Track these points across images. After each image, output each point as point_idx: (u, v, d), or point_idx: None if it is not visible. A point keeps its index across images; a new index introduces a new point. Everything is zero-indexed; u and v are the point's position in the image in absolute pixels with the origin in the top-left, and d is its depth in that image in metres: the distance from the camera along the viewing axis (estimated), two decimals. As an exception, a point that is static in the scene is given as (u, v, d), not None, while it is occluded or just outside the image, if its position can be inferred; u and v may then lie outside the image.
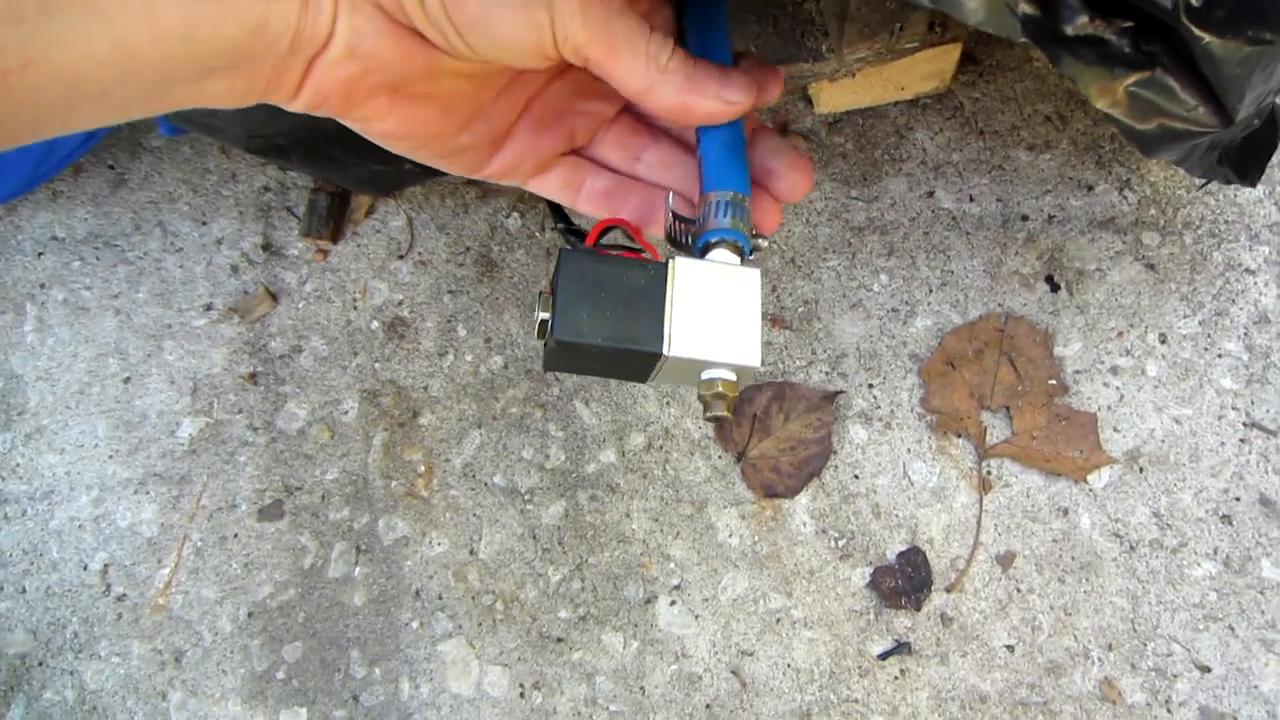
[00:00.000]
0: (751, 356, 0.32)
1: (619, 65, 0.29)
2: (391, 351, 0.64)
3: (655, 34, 0.30)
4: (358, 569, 0.60)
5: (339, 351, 0.64)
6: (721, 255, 0.33)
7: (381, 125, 0.31)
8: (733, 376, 0.32)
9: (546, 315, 0.30)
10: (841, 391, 0.59)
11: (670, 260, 0.32)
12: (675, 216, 0.35)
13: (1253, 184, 0.51)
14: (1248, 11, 0.38)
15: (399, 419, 0.63)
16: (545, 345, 0.31)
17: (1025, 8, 0.36)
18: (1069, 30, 0.37)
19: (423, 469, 0.61)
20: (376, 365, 0.64)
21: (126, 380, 0.64)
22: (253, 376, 0.64)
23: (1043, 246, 0.61)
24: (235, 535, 0.61)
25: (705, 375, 0.32)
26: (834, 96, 0.62)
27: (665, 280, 0.31)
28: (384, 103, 0.30)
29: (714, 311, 0.32)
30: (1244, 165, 0.50)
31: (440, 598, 0.59)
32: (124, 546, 0.61)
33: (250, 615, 0.60)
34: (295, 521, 0.61)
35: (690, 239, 0.34)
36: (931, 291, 0.61)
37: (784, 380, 0.60)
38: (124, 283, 0.66)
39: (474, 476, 0.61)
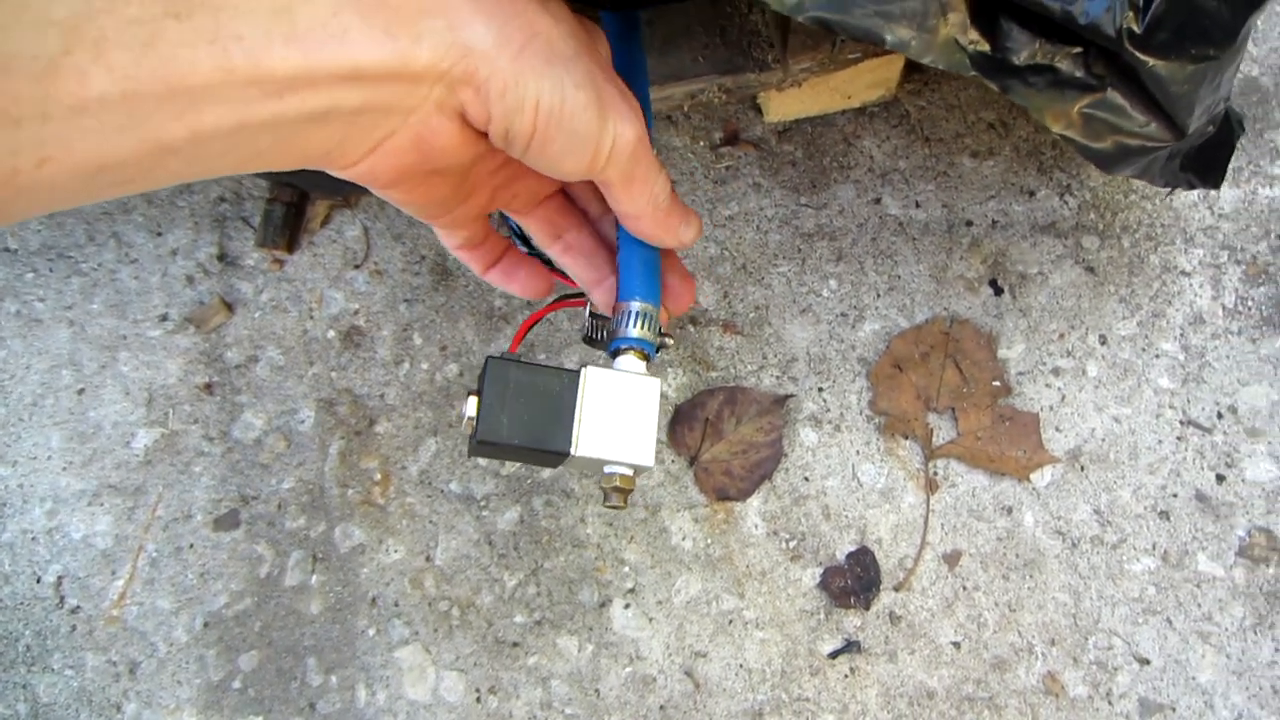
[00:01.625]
0: (646, 458, 0.37)
1: (627, 194, 0.34)
2: (348, 360, 0.64)
3: (663, 175, 0.34)
4: (314, 577, 0.60)
5: (295, 361, 0.65)
6: (629, 361, 0.38)
7: (405, 197, 0.33)
8: (630, 473, 0.37)
9: (472, 414, 0.35)
10: (792, 395, 0.60)
11: (583, 369, 0.36)
12: (593, 316, 0.41)
13: (1216, 186, 0.52)
14: (1189, 32, 0.39)
15: (355, 427, 0.63)
16: (470, 437, 0.36)
17: (974, 44, 0.38)
18: (1018, 61, 0.38)
19: (379, 477, 0.62)
20: (333, 374, 0.64)
21: (80, 392, 0.64)
22: (208, 387, 0.64)
23: (986, 251, 0.62)
24: (191, 545, 0.61)
25: (607, 470, 0.37)
26: (782, 105, 0.63)
27: (577, 387, 0.36)
28: (418, 184, 0.32)
29: (617, 417, 0.36)
30: (1205, 170, 0.52)
31: (397, 604, 0.59)
32: (78, 558, 0.61)
33: (206, 625, 0.60)
34: (251, 531, 0.61)
35: (604, 336, 0.40)
36: (879, 296, 0.62)
37: (735, 385, 0.61)
38: (78, 294, 0.66)
39: (430, 484, 0.61)
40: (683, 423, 0.60)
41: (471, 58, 0.27)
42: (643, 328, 0.38)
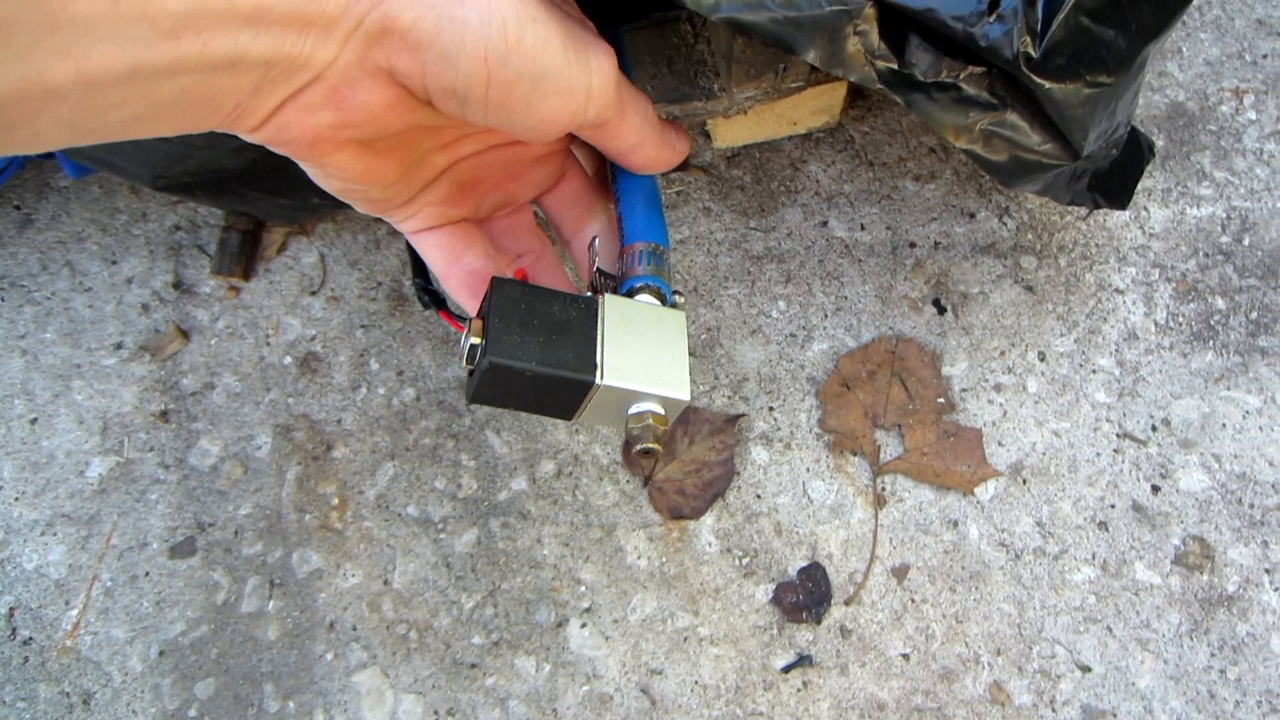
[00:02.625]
0: (682, 390, 0.32)
1: (624, 124, 0.31)
2: (304, 386, 0.65)
3: (642, 93, 0.33)
4: (271, 603, 0.60)
5: (252, 387, 0.65)
6: (645, 300, 0.33)
7: (336, 173, 0.29)
8: (661, 410, 0.32)
9: (477, 340, 0.30)
10: (743, 415, 0.61)
11: (601, 296, 0.32)
12: (599, 271, 0.36)
13: (1123, 207, 0.54)
14: (1085, 59, 0.41)
15: (312, 453, 0.63)
16: (472, 374, 0.30)
17: (882, 59, 0.39)
18: (923, 77, 0.40)
19: (336, 501, 0.62)
20: (289, 400, 0.64)
21: (33, 421, 0.64)
22: (164, 414, 0.64)
23: (930, 272, 0.64)
24: (146, 574, 0.61)
25: (634, 409, 0.32)
26: (730, 132, 0.65)
27: (595, 314, 0.32)
28: (350, 154, 0.29)
29: (643, 346, 0.32)
30: (1113, 191, 0.54)
31: (354, 629, 0.60)
32: (30, 589, 0.61)
33: (161, 654, 0.60)
34: (208, 558, 0.61)
35: (614, 288, 0.35)
36: (827, 317, 0.63)
37: (688, 405, 0.62)
38: (30, 323, 0.66)
39: (387, 508, 0.62)
40: (637, 443, 0.61)
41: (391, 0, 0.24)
42: (654, 265, 0.34)
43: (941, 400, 0.61)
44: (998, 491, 0.59)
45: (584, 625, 0.58)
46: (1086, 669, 0.56)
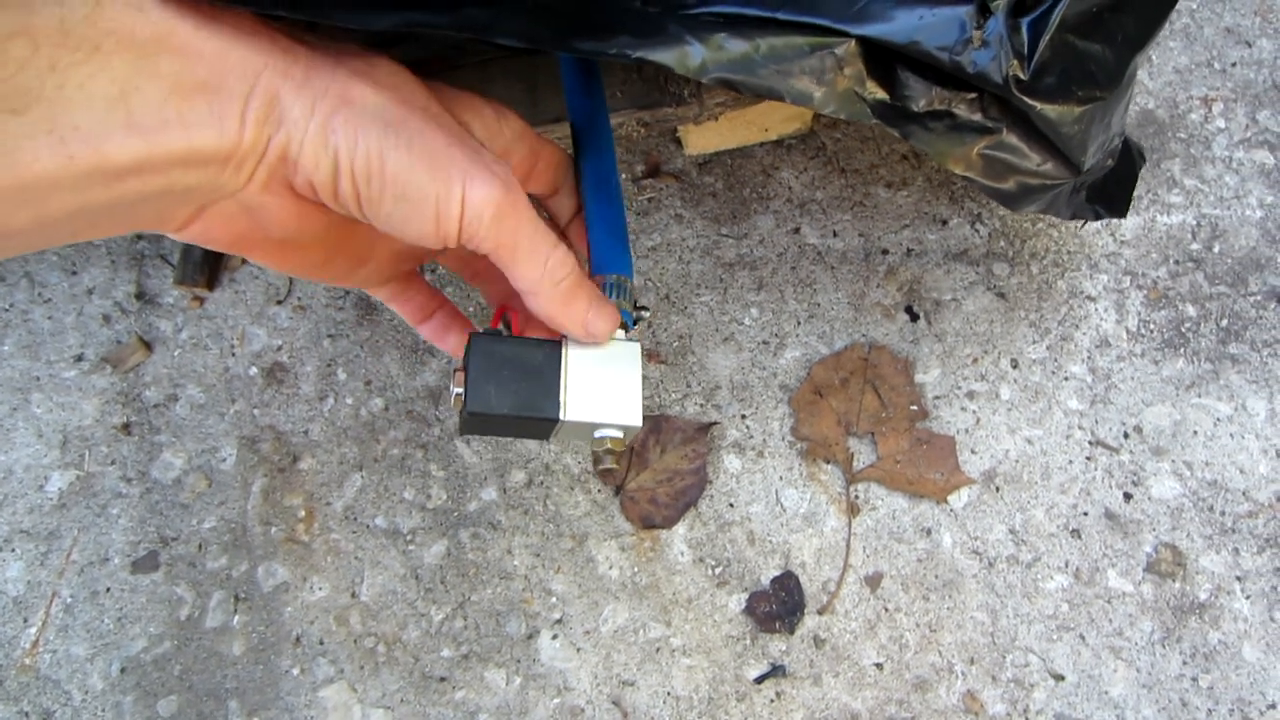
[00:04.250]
0: (634, 418, 0.38)
1: (516, 266, 0.33)
2: (270, 397, 0.64)
3: (559, 249, 0.34)
4: (236, 618, 0.59)
5: (216, 399, 0.64)
6: None
7: (265, 263, 0.34)
8: (620, 434, 0.38)
9: (460, 390, 0.36)
10: (716, 423, 0.61)
11: (564, 339, 0.37)
12: None
13: (1122, 215, 0.54)
14: (1075, 76, 0.41)
15: (279, 464, 0.62)
16: (460, 415, 0.37)
17: (873, 94, 0.39)
18: (916, 108, 0.39)
19: (303, 514, 0.61)
20: (255, 411, 0.63)
21: (-9, 434, 0.63)
22: (126, 427, 0.63)
23: (902, 279, 0.64)
24: (107, 589, 0.60)
25: (597, 434, 0.38)
26: (701, 139, 0.64)
27: (560, 356, 0.37)
28: (271, 250, 0.33)
29: (602, 380, 0.37)
30: (1110, 201, 0.54)
31: (321, 643, 0.58)
32: (-13, 606, 0.59)
33: (123, 671, 0.58)
34: (171, 572, 0.60)
35: None
36: (799, 324, 0.63)
37: (660, 414, 0.61)
38: (-11, 334, 0.64)
39: (355, 519, 0.61)
40: (608, 453, 0.60)
41: (284, 132, 0.28)
42: (618, 298, 0.39)
43: (914, 408, 0.61)
44: (971, 499, 0.59)
45: (555, 637, 0.58)
46: (1060, 677, 0.56)
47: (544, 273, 0.33)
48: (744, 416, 0.61)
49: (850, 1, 0.37)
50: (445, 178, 0.30)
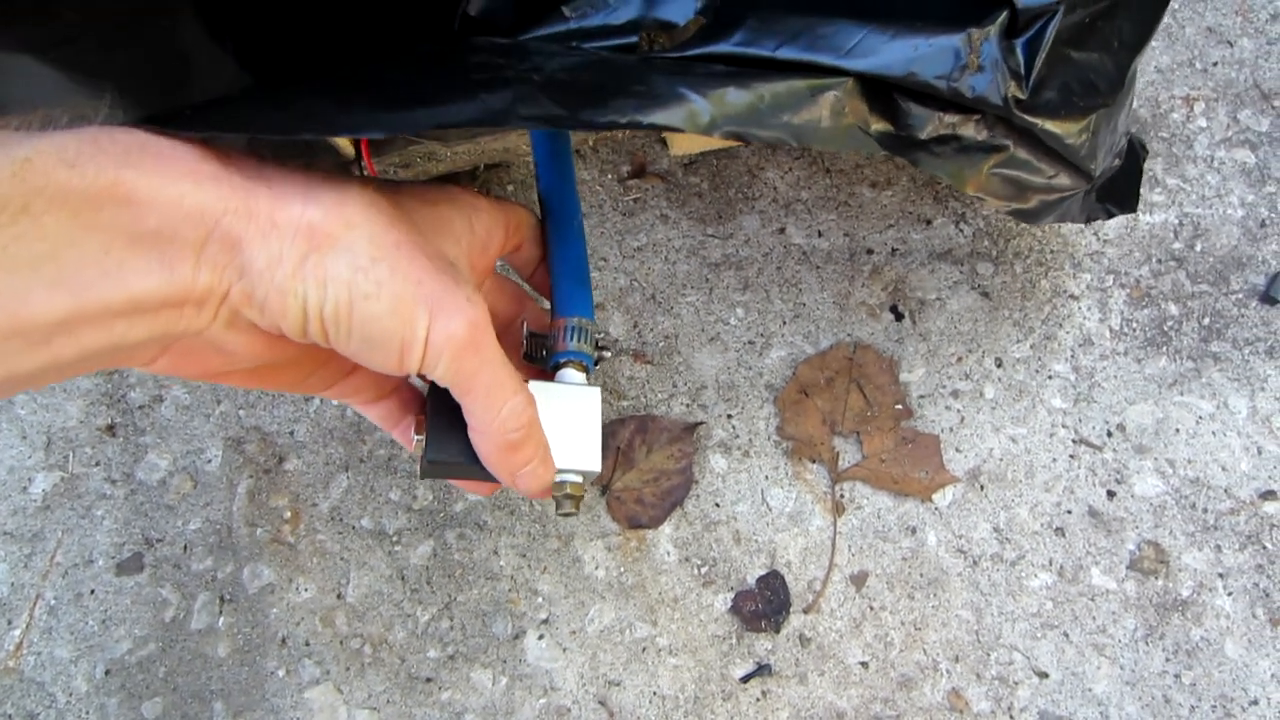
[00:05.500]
0: (593, 463, 0.38)
1: (470, 405, 0.33)
2: (255, 398, 0.63)
3: (517, 398, 0.33)
4: (222, 619, 0.59)
5: (201, 400, 0.64)
6: (570, 374, 0.39)
7: (237, 386, 0.35)
8: (579, 479, 0.38)
9: (420, 437, 0.36)
10: (702, 422, 0.61)
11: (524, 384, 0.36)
12: (530, 334, 0.42)
13: (1133, 210, 0.55)
14: (1076, 88, 0.41)
15: (264, 465, 0.62)
16: (420, 461, 0.37)
17: (877, 127, 0.39)
18: (922, 135, 0.39)
19: (289, 515, 0.61)
20: (241, 412, 0.63)
21: (-25, 436, 0.62)
22: (111, 428, 0.63)
23: (887, 278, 0.64)
24: (92, 591, 0.60)
25: (556, 479, 0.38)
26: (686, 140, 0.64)
27: None
28: (247, 377, 0.34)
29: (561, 426, 0.37)
30: (1121, 198, 0.54)
31: (307, 644, 0.58)
32: (-30, 609, 0.59)
33: (108, 673, 0.58)
34: (156, 574, 0.60)
35: (544, 353, 0.41)
36: (785, 324, 0.63)
37: (646, 413, 0.61)
38: (-27, 335, 0.64)
39: (341, 520, 0.61)
40: (594, 453, 0.60)
41: (247, 281, 0.28)
42: (580, 341, 0.40)
43: (899, 407, 0.61)
44: (955, 498, 0.59)
45: (541, 637, 0.58)
46: (1044, 675, 0.56)
47: (495, 420, 0.33)
48: (730, 416, 0.61)
49: (846, 37, 0.37)
50: (411, 319, 0.30)
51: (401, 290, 0.29)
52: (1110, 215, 0.53)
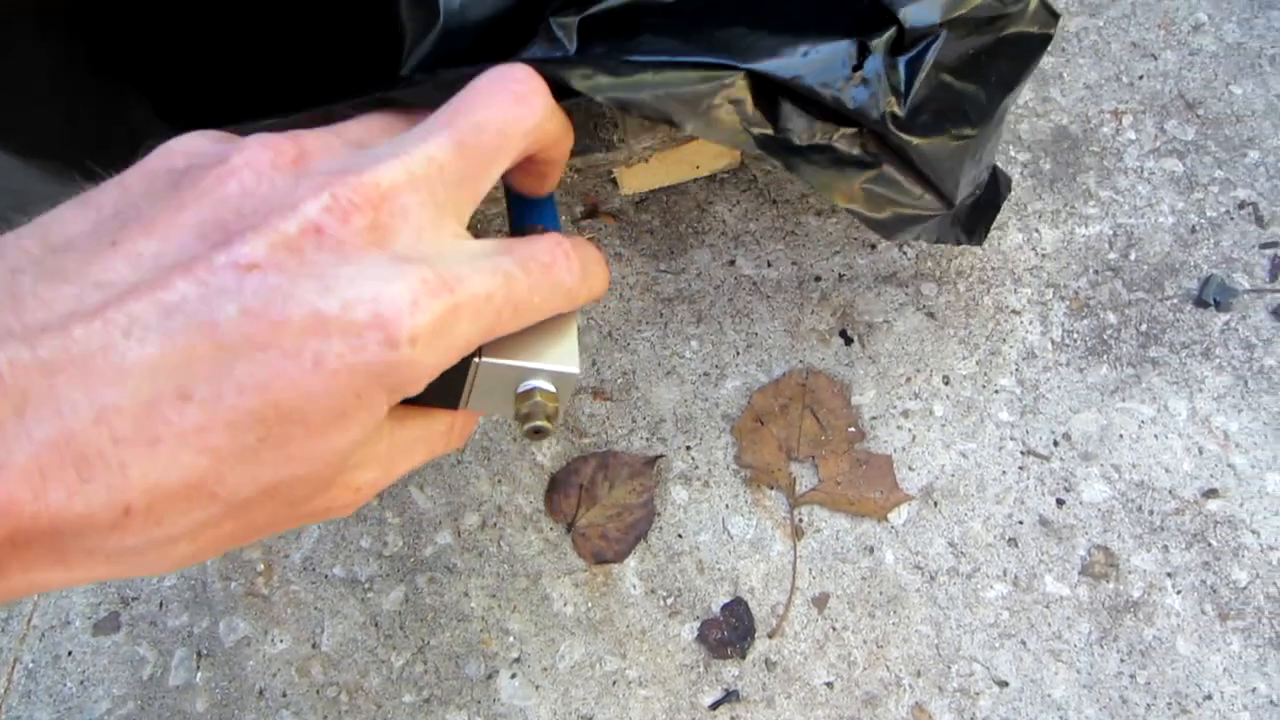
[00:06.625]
0: (570, 363, 0.30)
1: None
2: (224, 453, 0.65)
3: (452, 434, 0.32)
4: (199, 674, 0.60)
5: (171, 458, 0.65)
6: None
7: None
8: (550, 386, 0.30)
9: None
10: (661, 456, 0.63)
11: None
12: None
13: (979, 243, 0.57)
14: (949, 114, 0.43)
15: (235, 520, 0.63)
16: None
17: (758, 126, 0.41)
18: (799, 141, 0.41)
19: (262, 567, 0.62)
20: (210, 468, 0.64)
21: (-54, 507, 0.63)
22: (82, 491, 0.64)
23: (835, 304, 0.66)
24: (69, 653, 0.61)
25: (522, 387, 0.30)
26: (635, 179, 0.66)
27: None
28: None
29: (532, 328, 0.30)
30: (972, 228, 0.56)
31: (284, 695, 0.59)
32: (-51, 680, 0.60)
33: (89, 736, 0.59)
34: (133, 632, 0.61)
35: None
36: (739, 354, 0.65)
37: (607, 450, 0.63)
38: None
39: (314, 570, 0.62)
40: (559, 491, 0.62)
41: None
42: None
43: (852, 429, 0.63)
44: (910, 515, 0.61)
45: (514, 675, 0.59)
46: (1004, 684, 0.58)
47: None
48: (689, 448, 0.63)
49: (741, 39, 0.39)
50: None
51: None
52: (959, 242, 0.55)
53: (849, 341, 0.65)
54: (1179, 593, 0.59)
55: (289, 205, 0.24)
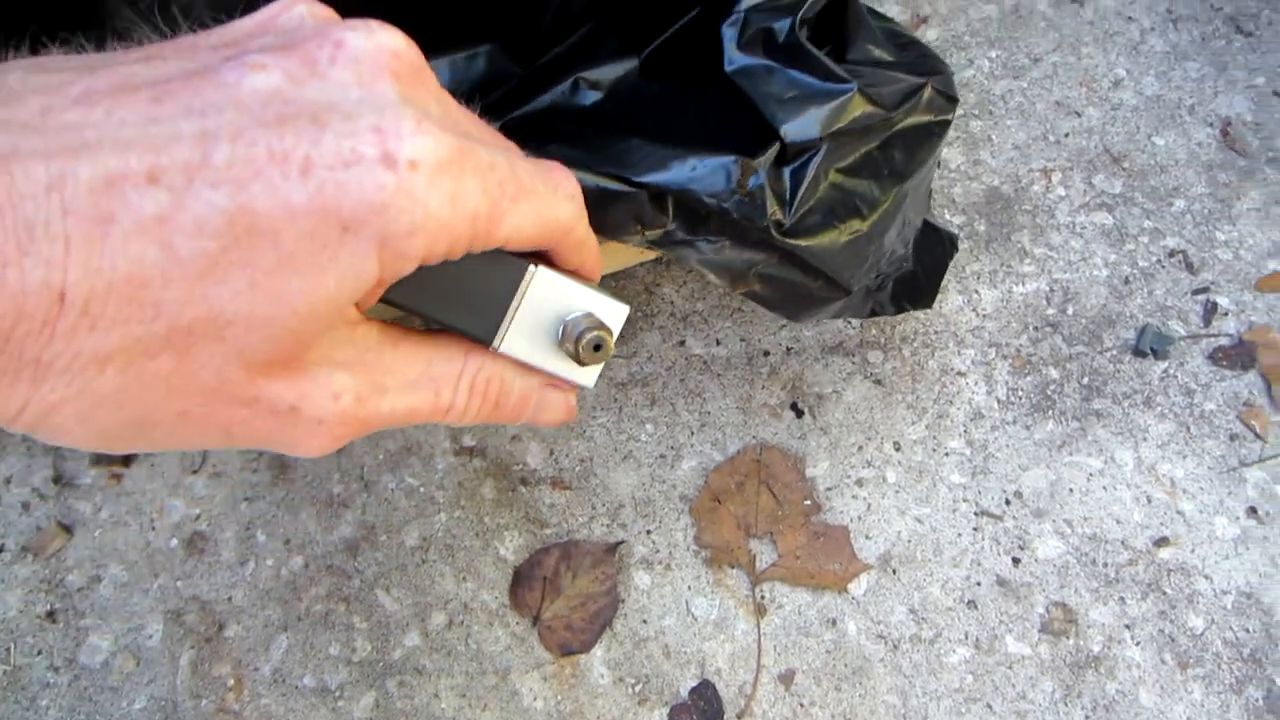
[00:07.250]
0: (619, 300, 0.30)
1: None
2: (192, 568, 0.65)
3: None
4: (176, 796, 0.60)
5: (139, 575, 0.65)
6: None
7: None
8: (602, 317, 0.29)
9: None
10: (622, 541, 0.63)
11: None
12: None
13: (928, 306, 0.59)
14: (838, 211, 0.45)
15: (205, 634, 0.63)
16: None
17: (650, 229, 0.43)
18: (691, 237, 0.43)
19: (232, 682, 0.62)
20: (178, 583, 0.65)
21: (-85, 643, 0.63)
22: (51, 614, 0.64)
23: (785, 377, 0.67)
24: (45, 784, 0.61)
25: (572, 315, 0.29)
26: (579, 269, 0.68)
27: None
28: None
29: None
30: (916, 294, 0.58)
31: (262, 811, 0.59)
32: (-76, 820, 0.60)
33: None
34: (107, 758, 0.61)
35: None
36: (693, 434, 0.66)
37: (569, 539, 0.64)
38: (-94, 542, 0.65)
39: (284, 681, 0.62)
40: (523, 584, 0.63)
41: None
42: None
43: (808, 502, 0.64)
44: (870, 584, 0.62)
45: (489, 775, 0.59)
46: (972, 749, 0.58)
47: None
48: (649, 532, 0.64)
49: (639, 148, 0.41)
50: None
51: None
52: (902, 309, 0.57)
53: (800, 414, 0.66)
54: (1138, 644, 0.60)
55: (325, 34, 0.23)
